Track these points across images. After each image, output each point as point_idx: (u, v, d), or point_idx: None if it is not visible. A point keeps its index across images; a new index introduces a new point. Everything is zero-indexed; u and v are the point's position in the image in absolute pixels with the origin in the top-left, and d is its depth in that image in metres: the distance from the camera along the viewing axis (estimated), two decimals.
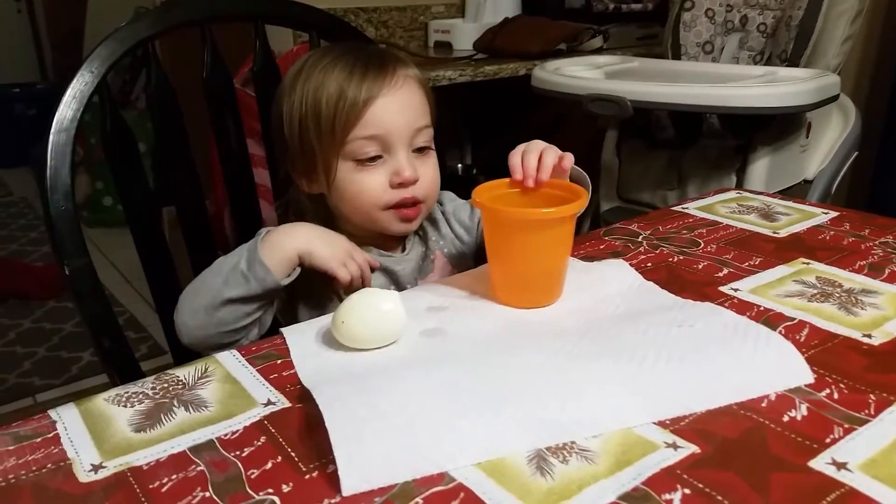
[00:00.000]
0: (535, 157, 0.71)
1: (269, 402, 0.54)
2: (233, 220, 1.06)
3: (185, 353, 0.93)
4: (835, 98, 1.55)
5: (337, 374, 0.58)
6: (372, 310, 0.61)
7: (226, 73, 1.02)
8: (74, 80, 0.88)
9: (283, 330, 0.64)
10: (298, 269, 0.75)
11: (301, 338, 0.64)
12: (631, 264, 0.76)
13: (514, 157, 0.72)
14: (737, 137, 1.70)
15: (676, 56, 1.95)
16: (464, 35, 2.22)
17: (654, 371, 0.54)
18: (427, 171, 0.81)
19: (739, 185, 1.67)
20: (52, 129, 0.85)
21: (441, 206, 0.92)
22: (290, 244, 0.74)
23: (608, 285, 0.70)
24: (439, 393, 0.53)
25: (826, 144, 1.82)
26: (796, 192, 1.77)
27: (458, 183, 1.03)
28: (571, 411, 0.50)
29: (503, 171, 0.73)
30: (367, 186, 0.79)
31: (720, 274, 0.75)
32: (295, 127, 0.81)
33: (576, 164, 0.73)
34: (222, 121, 1.02)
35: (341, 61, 0.79)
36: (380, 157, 0.79)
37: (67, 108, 0.87)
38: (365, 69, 0.78)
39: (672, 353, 0.56)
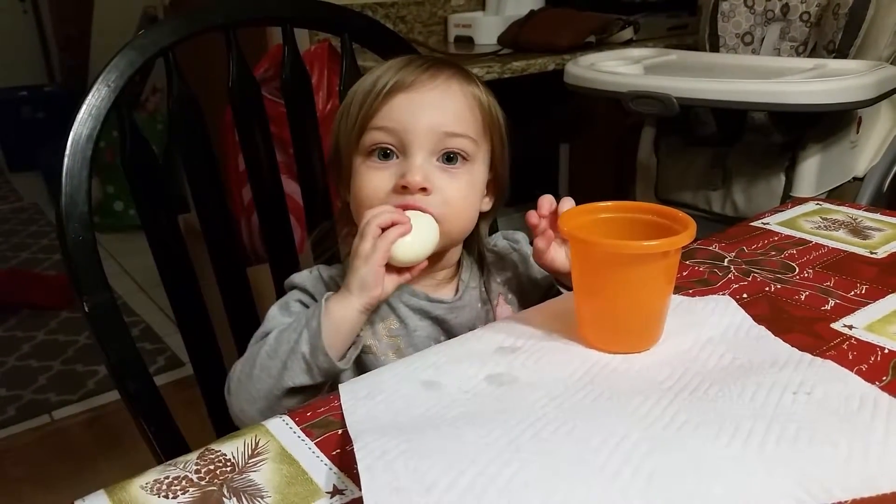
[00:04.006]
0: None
1: (336, 491, 0.45)
2: (262, 233, 0.98)
3: (206, 366, 0.87)
4: (893, 91, 1.46)
5: (385, 422, 0.50)
6: None
7: (252, 80, 0.93)
8: (89, 96, 0.79)
9: (342, 387, 0.56)
10: (359, 348, 0.69)
11: (355, 385, 0.57)
12: (724, 295, 0.67)
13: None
14: (786, 134, 1.60)
15: (714, 48, 1.85)
16: (485, 29, 2.14)
17: (760, 453, 0.45)
18: (448, 187, 0.69)
19: (789, 185, 1.58)
20: (67, 151, 0.77)
21: (515, 244, 0.82)
22: (351, 311, 0.66)
23: (711, 327, 0.61)
24: (498, 460, 0.44)
25: (876, 140, 1.72)
26: (846, 190, 1.67)
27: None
28: (656, 501, 0.42)
29: (527, 169, 0.70)
30: (370, 185, 0.69)
31: (827, 307, 0.66)
32: (335, 130, 0.74)
33: (605, 163, 0.65)
34: (250, 130, 0.94)
35: (390, 61, 0.72)
36: (395, 157, 0.69)
37: (83, 127, 0.78)
38: (405, 64, 0.71)
39: (784, 429, 0.47)
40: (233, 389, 0.68)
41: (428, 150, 0.68)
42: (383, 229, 0.65)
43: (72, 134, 0.77)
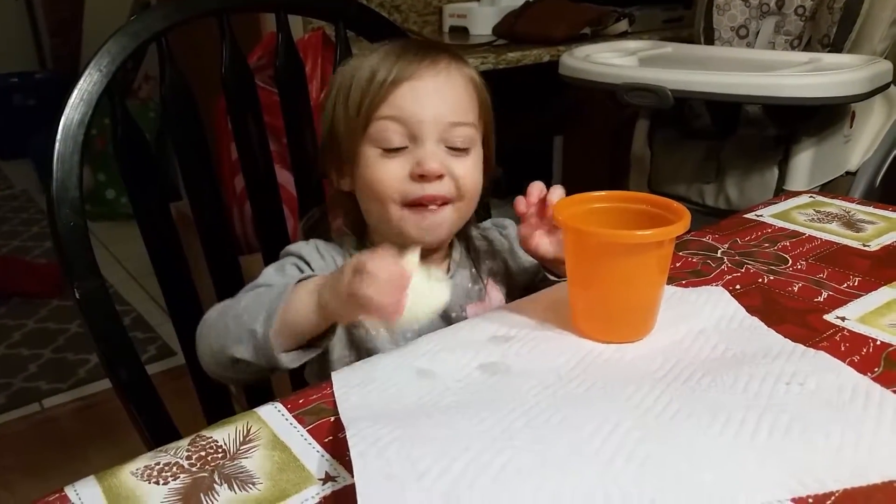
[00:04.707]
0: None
1: (328, 478, 0.45)
2: (255, 222, 0.98)
3: (197, 356, 0.86)
4: (887, 86, 1.46)
5: (378, 409, 0.51)
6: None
7: (246, 67, 0.92)
8: (81, 80, 0.78)
9: (335, 375, 0.56)
10: (310, 356, 0.63)
11: (348, 374, 0.57)
12: (717, 286, 0.67)
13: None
14: (779, 127, 1.60)
15: (709, 41, 1.85)
16: (481, 19, 2.13)
17: (752, 442, 0.45)
18: (460, 170, 0.71)
19: (782, 179, 1.58)
20: (58, 136, 0.76)
21: (503, 230, 0.84)
22: (315, 317, 0.60)
23: (704, 318, 0.61)
24: (491, 448, 0.45)
25: (869, 134, 1.72)
26: (839, 184, 1.68)
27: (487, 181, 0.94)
28: (648, 488, 0.42)
29: (521, 160, 0.66)
30: (386, 174, 0.70)
31: (820, 298, 0.66)
32: (329, 115, 0.74)
33: (600, 156, 0.65)
34: (243, 118, 0.93)
35: (383, 47, 0.73)
36: (405, 147, 0.70)
37: (74, 112, 0.78)
38: (403, 51, 0.71)
39: (777, 419, 0.47)
40: (203, 333, 0.68)
41: (436, 138, 0.70)
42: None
43: (63, 119, 0.77)
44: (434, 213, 0.70)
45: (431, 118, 0.69)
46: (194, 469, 0.46)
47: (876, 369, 0.55)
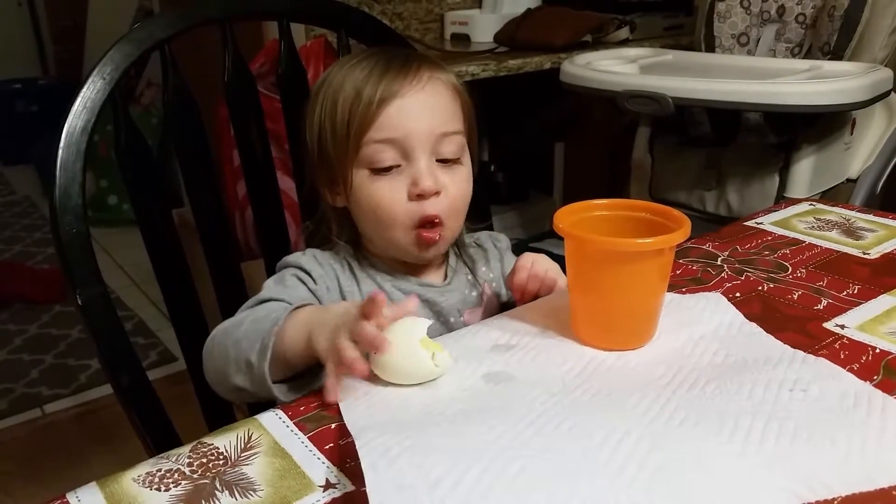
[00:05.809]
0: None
1: (328, 485, 0.45)
2: (256, 229, 0.98)
3: (199, 362, 0.86)
4: (888, 93, 1.46)
5: (385, 419, 0.51)
6: (406, 339, 0.55)
7: (248, 75, 0.93)
8: (84, 88, 0.79)
9: None
10: (301, 392, 0.61)
11: (351, 384, 0.56)
12: (714, 292, 0.68)
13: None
14: (780, 135, 1.60)
15: (710, 48, 1.86)
16: (482, 27, 2.14)
17: (760, 449, 0.46)
18: (452, 185, 0.71)
19: (783, 186, 1.58)
20: (61, 144, 0.77)
21: (497, 243, 0.85)
22: (306, 348, 0.58)
23: (704, 324, 0.62)
24: (502, 457, 0.45)
25: (870, 142, 1.73)
26: (840, 191, 1.68)
27: (474, 180, 0.94)
28: (659, 497, 0.42)
29: (522, 166, 0.66)
30: (384, 197, 0.70)
31: (819, 306, 0.66)
32: (315, 134, 0.74)
33: (600, 163, 0.65)
34: (245, 124, 0.94)
35: (363, 63, 0.72)
36: (397, 166, 0.70)
37: (77, 119, 0.78)
38: (384, 69, 0.71)
39: (783, 426, 0.48)
40: (208, 353, 0.68)
41: (428, 152, 0.70)
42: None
43: (66, 126, 0.77)
44: (431, 236, 0.71)
45: (422, 133, 0.69)
46: (195, 476, 0.46)
47: (875, 377, 0.55)
